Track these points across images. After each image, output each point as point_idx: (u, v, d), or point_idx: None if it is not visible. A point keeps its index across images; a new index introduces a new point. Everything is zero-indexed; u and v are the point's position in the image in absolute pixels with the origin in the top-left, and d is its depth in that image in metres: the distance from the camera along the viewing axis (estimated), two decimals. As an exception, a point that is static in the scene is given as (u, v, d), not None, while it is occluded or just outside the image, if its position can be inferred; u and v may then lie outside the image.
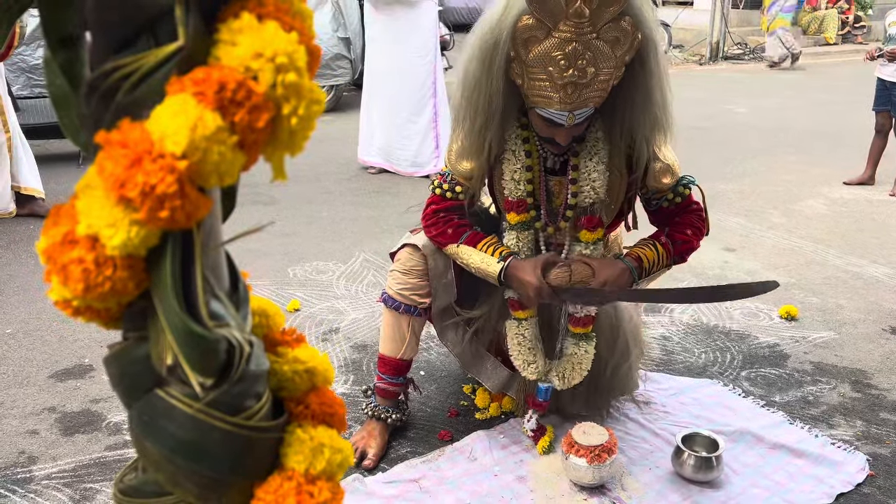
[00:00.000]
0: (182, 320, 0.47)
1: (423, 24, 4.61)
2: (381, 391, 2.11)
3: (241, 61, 0.45)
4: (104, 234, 0.45)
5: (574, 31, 1.53)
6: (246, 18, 0.45)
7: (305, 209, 4.25)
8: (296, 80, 0.46)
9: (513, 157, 1.85)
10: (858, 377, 2.48)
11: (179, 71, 0.45)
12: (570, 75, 1.58)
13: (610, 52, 1.57)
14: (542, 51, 1.58)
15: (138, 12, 0.45)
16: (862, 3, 13.99)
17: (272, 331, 0.62)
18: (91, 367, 2.50)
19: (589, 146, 1.82)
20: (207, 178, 0.45)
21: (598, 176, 1.82)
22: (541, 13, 1.53)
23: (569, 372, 1.98)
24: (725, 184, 4.84)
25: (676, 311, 2.96)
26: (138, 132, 0.44)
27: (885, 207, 4.34)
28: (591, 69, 1.58)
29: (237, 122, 0.45)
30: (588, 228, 1.88)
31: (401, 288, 2.03)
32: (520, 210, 1.88)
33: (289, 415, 0.59)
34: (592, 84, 1.61)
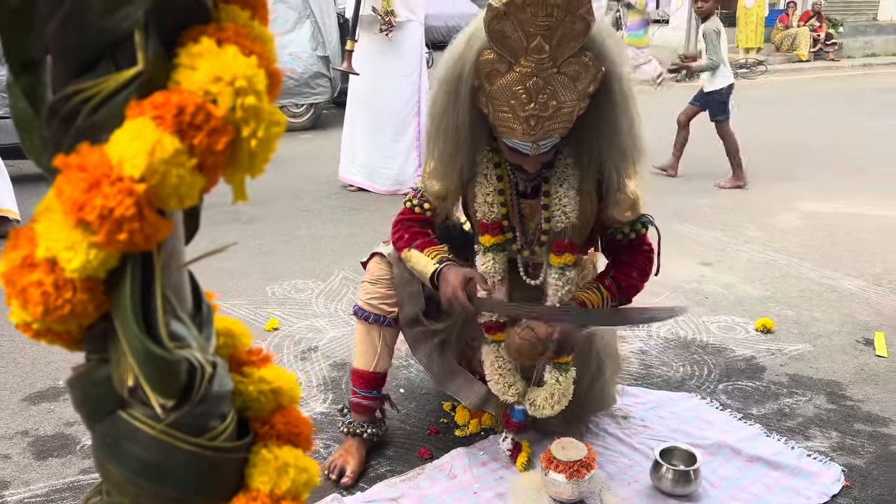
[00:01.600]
0: (142, 342, 0.47)
1: (409, 44, 4.63)
2: (355, 406, 2.11)
3: (200, 85, 0.45)
4: (63, 256, 0.45)
5: (535, 66, 1.56)
6: (205, 43, 0.46)
7: (284, 227, 4.24)
8: (255, 103, 0.46)
9: (484, 180, 1.87)
10: (833, 389, 2.51)
11: (139, 95, 0.46)
12: (532, 108, 1.61)
13: (571, 85, 1.60)
14: (504, 84, 1.60)
15: (98, 37, 0.45)
16: (833, 21, 14.27)
17: (238, 351, 0.62)
18: (65, 391, 2.47)
19: (559, 172, 1.84)
20: (166, 201, 0.46)
21: (568, 201, 1.84)
22: (502, 49, 1.56)
23: (546, 401, 1.98)
24: (701, 198, 4.90)
25: (654, 325, 2.98)
26: (97, 156, 0.44)
27: (859, 221, 4.41)
28: (553, 102, 1.61)
29: (196, 145, 0.45)
30: (556, 253, 1.90)
31: (369, 298, 2.05)
32: (494, 232, 1.90)
33: (254, 435, 0.59)
34: (555, 116, 1.63)
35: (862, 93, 10.22)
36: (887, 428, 2.28)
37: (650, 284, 3.27)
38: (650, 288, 3.24)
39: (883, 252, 3.87)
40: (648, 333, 2.91)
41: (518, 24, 1.52)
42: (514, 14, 1.51)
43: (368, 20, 4.52)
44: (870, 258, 3.78)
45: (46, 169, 0.51)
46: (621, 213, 1.86)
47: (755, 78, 11.86)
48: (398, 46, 4.60)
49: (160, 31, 0.46)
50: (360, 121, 4.83)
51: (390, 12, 4.43)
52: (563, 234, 1.88)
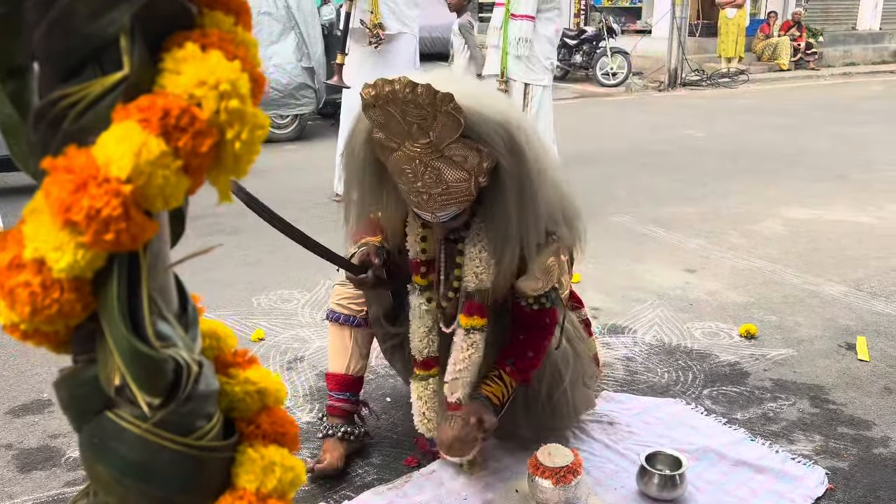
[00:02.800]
0: (128, 340, 0.48)
1: (402, 56, 4.63)
2: (330, 409, 2.12)
3: (185, 89, 0.46)
4: (51, 257, 0.45)
5: (419, 150, 1.58)
6: (190, 48, 0.47)
7: (269, 238, 4.21)
8: (239, 106, 0.47)
9: (413, 221, 1.88)
10: (816, 393, 2.53)
11: (125, 99, 0.47)
12: (420, 186, 1.63)
13: (458, 166, 1.61)
14: (394, 161, 1.63)
15: (84, 43, 0.46)
16: (813, 30, 14.46)
17: (223, 353, 0.62)
18: (50, 402, 2.45)
19: (473, 234, 1.83)
20: (152, 202, 0.46)
21: (480, 263, 1.83)
22: (386, 132, 1.59)
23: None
24: (685, 206, 4.94)
25: (639, 332, 3.00)
26: (84, 158, 0.45)
27: (841, 227, 4.46)
28: (441, 185, 1.62)
29: (181, 147, 0.46)
30: (466, 314, 1.89)
31: (339, 298, 2.08)
32: (422, 273, 1.92)
33: (240, 435, 0.60)
34: (448, 193, 1.64)
35: (842, 100, 10.36)
36: (870, 431, 2.30)
37: (635, 291, 3.32)
38: (635, 294, 3.31)
39: (864, 258, 3.92)
40: (634, 340, 2.93)
41: (395, 113, 1.55)
42: (386, 106, 1.54)
43: (358, 33, 4.53)
44: (851, 264, 3.82)
45: (34, 174, 0.51)
46: (527, 289, 1.86)
47: (737, 87, 11.99)
48: (391, 58, 4.61)
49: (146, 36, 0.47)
50: None
51: (378, 25, 4.45)
52: (474, 296, 1.87)
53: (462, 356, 1.90)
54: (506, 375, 1.93)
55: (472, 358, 1.90)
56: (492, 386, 1.92)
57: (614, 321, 3.09)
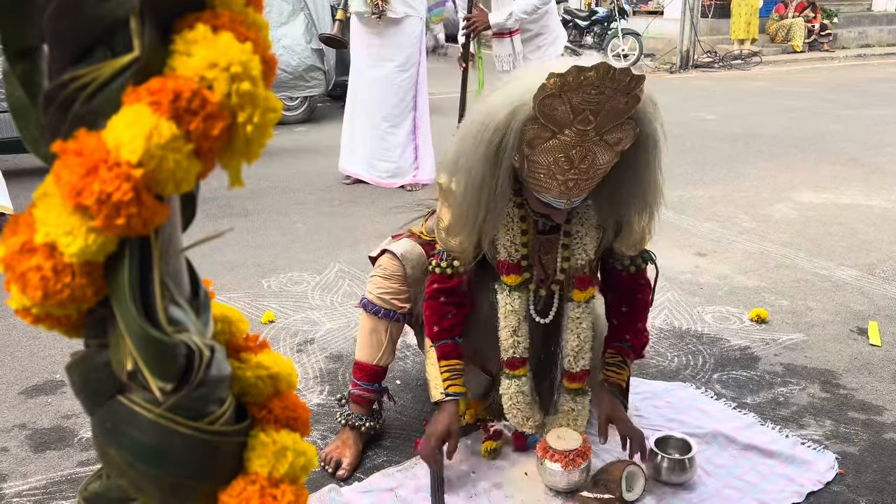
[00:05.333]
0: (140, 325, 0.48)
1: (407, 38, 4.64)
2: (355, 398, 2.11)
3: (196, 71, 0.46)
4: (62, 241, 0.45)
5: (578, 136, 1.55)
6: (201, 30, 0.46)
7: (279, 220, 4.24)
8: (250, 88, 0.47)
9: (510, 222, 1.87)
10: (827, 378, 2.52)
11: (135, 81, 0.46)
12: (572, 174, 1.61)
13: (611, 149, 1.61)
14: (545, 150, 1.60)
15: (94, 24, 0.45)
16: (827, 11, 14.27)
17: (235, 337, 0.62)
18: (62, 383, 2.47)
19: (580, 212, 1.86)
20: (164, 186, 0.46)
21: (589, 240, 1.88)
22: (547, 121, 1.55)
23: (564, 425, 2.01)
24: (696, 189, 4.91)
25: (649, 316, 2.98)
26: (94, 141, 0.45)
27: (852, 212, 4.43)
28: (592, 168, 1.61)
29: (192, 130, 0.46)
30: (580, 288, 1.93)
31: (381, 292, 2.06)
32: (516, 272, 1.91)
33: (252, 419, 0.60)
34: (592, 178, 1.64)
35: (856, 83, 10.24)
36: (880, 416, 2.30)
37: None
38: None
39: (876, 242, 3.89)
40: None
41: (567, 101, 1.51)
42: (566, 94, 1.50)
43: (364, 18, 4.55)
44: (863, 248, 3.79)
45: (44, 157, 0.51)
46: (628, 247, 1.91)
47: (749, 69, 11.87)
48: (397, 40, 4.62)
49: (156, 17, 0.46)
50: (360, 113, 4.85)
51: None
52: (583, 270, 1.91)
53: (582, 327, 1.95)
54: (629, 360, 2.03)
55: (587, 328, 1.96)
56: (620, 373, 2.01)
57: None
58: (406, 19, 4.58)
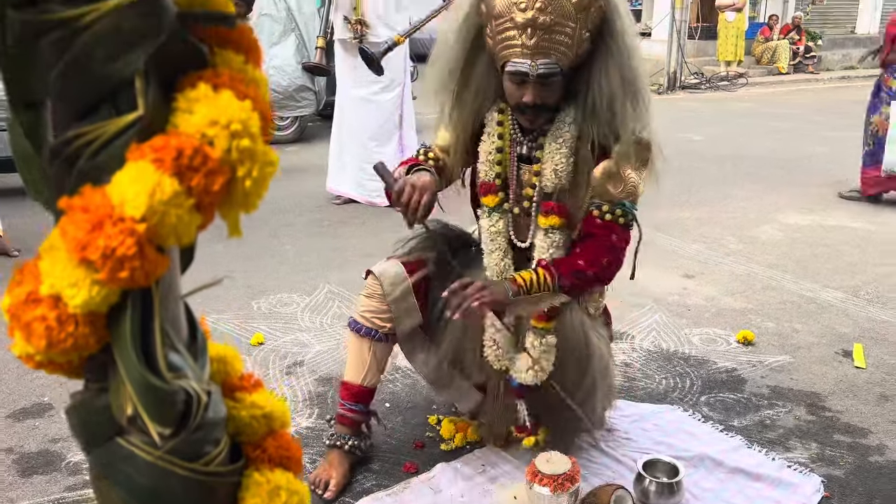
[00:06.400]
0: (141, 373, 0.49)
1: (393, 60, 4.70)
2: (341, 418, 2.12)
3: (197, 128, 0.48)
4: (67, 293, 0.47)
5: None
6: (202, 88, 0.48)
7: (269, 241, 4.24)
8: (250, 145, 0.48)
9: (487, 137, 1.95)
10: (813, 400, 2.54)
11: (139, 138, 0.48)
12: (531, 17, 1.71)
13: (568, 3, 1.70)
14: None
15: (100, 83, 0.47)
16: (812, 34, 14.48)
17: (230, 377, 0.64)
18: (50, 406, 2.46)
19: (555, 129, 1.89)
20: (166, 239, 0.48)
21: (561, 159, 1.87)
22: None
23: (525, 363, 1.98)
24: (684, 211, 4.95)
25: (637, 338, 3.01)
26: (99, 197, 0.46)
27: (837, 234, 4.48)
28: (550, 17, 1.71)
29: (194, 186, 0.47)
30: (543, 213, 1.92)
31: (363, 311, 2.07)
32: (493, 191, 1.97)
33: (246, 459, 0.61)
34: (553, 32, 1.73)
35: (841, 105, 10.37)
36: (865, 439, 2.32)
37: (633, 296, 3.33)
38: (634, 300, 3.32)
39: (861, 264, 3.93)
40: (632, 346, 2.94)
41: None
42: None
43: (348, 44, 4.65)
44: (848, 270, 3.84)
45: (45, 203, 0.53)
46: (603, 184, 1.84)
47: (736, 90, 12.01)
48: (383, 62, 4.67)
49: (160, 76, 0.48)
50: (346, 133, 4.92)
51: (360, 21, 4.53)
52: (553, 196, 1.91)
53: (545, 258, 1.91)
54: (540, 269, 1.85)
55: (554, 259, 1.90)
56: (523, 274, 1.85)
57: (612, 327, 3.10)
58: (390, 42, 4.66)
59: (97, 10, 0.44)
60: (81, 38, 0.44)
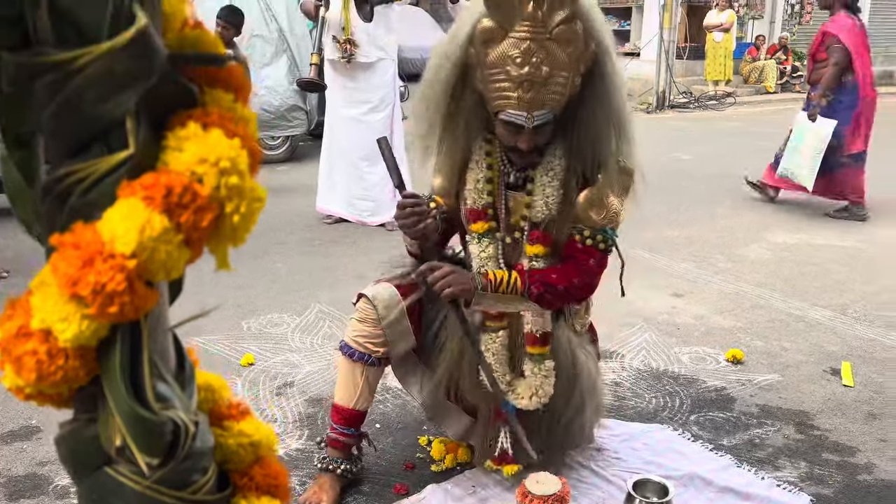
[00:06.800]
0: (130, 405, 0.50)
1: (381, 80, 4.77)
2: (332, 442, 2.11)
3: (187, 166, 0.49)
4: (57, 328, 0.48)
5: (529, 31, 1.68)
6: (192, 127, 0.49)
7: (260, 261, 4.24)
8: (238, 182, 0.50)
9: (476, 166, 1.95)
10: (802, 419, 2.56)
11: (130, 176, 0.49)
12: (527, 72, 1.70)
13: (563, 54, 1.70)
14: (500, 51, 1.71)
15: (92, 123, 0.48)
16: (798, 53, 14.64)
17: (218, 405, 0.64)
18: (38, 429, 2.45)
19: (546, 162, 1.91)
20: (155, 275, 0.49)
21: (552, 192, 1.90)
22: (495, 13, 1.68)
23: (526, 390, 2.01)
24: (673, 230, 4.98)
25: (627, 357, 3.02)
26: (90, 234, 0.48)
27: (825, 252, 4.52)
28: (546, 68, 1.70)
29: (183, 222, 0.49)
30: (530, 242, 1.95)
31: (356, 335, 2.06)
32: (483, 219, 1.97)
33: (234, 487, 0.62)
34: (548, 84, 1.73)
35: (827, 124, 10.46)
36: (854, 457, 2.33)
37: (623, 315, 3.34)
38: (623, 319, 3.33)
39: (848, 282, 3.97)
40: (622, 365, 2.95)
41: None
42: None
43: (337, 64, 4.68)
44: (836, 288, 3.87)
45: (37, 237, 0.54)
46: (587, 210, 1.88)
47: (724, 109, 12.12)
48: (371, 82, 4.76)
49: (150, 115, 0.49)
50: (337, 153, 4.94)
51: (348, 41, 4.57)
52: (541, 225, 1.93)
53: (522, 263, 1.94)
54: (514, 272, 1.91)
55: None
56: (495, 271, 1.91)
57: (602, 346, 3.09)
58: (378, 62, 4.72)
59: (90, 54, 0.45)
60: (75, 81, 0.46)
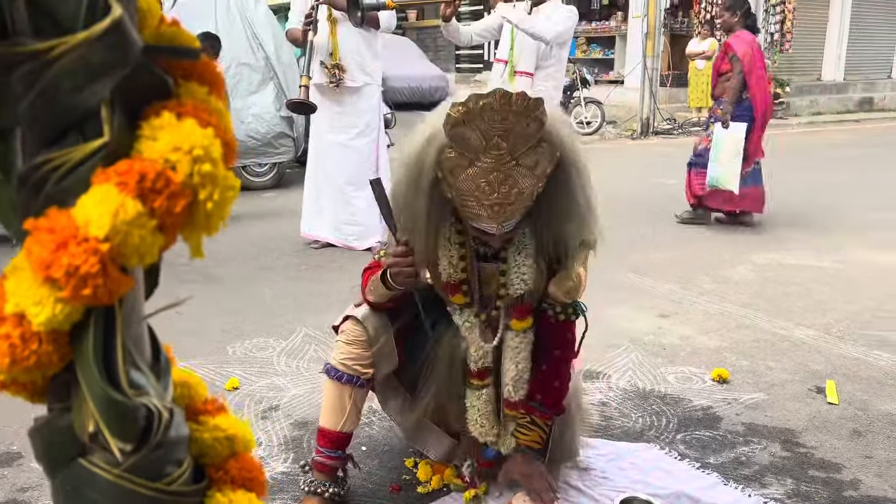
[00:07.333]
0: (102, 388, 0.50)
1: (367, 105, 4.82)
2: (318, 465, 2.10)
3: (160, 154, 0.50)
4: (31, 311, 0.48)
5: (495, 161, 1.65)
6: (166, 116, 0.51)
7: (246, 285, 4.23)
8: (211, 169, 0.51)
9: (448, 243, 1.93)
10: (787, 436, 2.56)
11: (104, 164, 0.50)
12: (496, 198, 1.70)
13: (530, 173, 1.69)
14: (467, 177, 1.69)
15: (67, 113, 0.49)
16: (780, 81, 14.88)
17: (194, 401, 0.65)
18: (19, 455, 2.41)
19: (517, 241, 1.92)
20: (129, 259, 0.49)
21: (526, 269, 1.92)
22: (462, 149, 1.65)
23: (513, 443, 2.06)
24: (658, 252, 5.02)
25: (614, 377, 3.03)
26: (64, 218, 0.48)
27: (808, 273, 4.56)
28: (514, 191, 1.70)
29: (156, 207, 0.50)
30: (518, 318, 1.98)
31: (344, 358, 2.06)
32: (462, 293, 1.97)
33: (209, 481, 0.62)
34: (517, 201, 1.72)
35: (807, 149, 10.62)
36: (840, 474, 2.34)
37: (609, 336, 3.36)
38: (610, 340, 3.34)
39: (831, 301, 4.00)
40: (608, 385, 2.96)
41: (476, 128, 1.61)
42: (472, 121, 1.60)
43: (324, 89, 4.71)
44: (819, 308, 3.90)
45: (15, 233, 0.54)
46: (561, 291, 1.94)
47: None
48: (356, 108, 4.80)
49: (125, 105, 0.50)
50: (322, 178, 4.95)
51: (336, 66, 4.61)
52: (522, 300, 1.95)
53: (520, 357, 1.99)
54: (537, 419, 2.02)
55: (526, 357, 2.00)
56: (528, 434, 2.02)
57: (589, 367, 3.12)
58: (365, 87, 4.76)
59: (66, 43, 0.46)
60: (51, 71, 0.47)
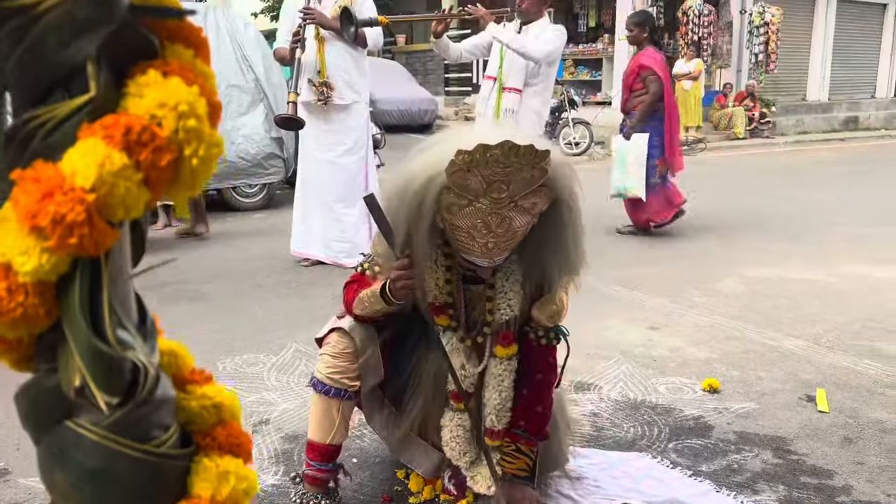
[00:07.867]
0: (88, 339, 0.50)
1: (355, 123, 4.83)
2: (309, 478, 2.08)
3: (146, 110, 0.51)
4: (17, 261, 0.48)
5: (493, 204, 1.65)
6: (152, 74, 0.51)
7: (237, 303, 4.22)
8: (196, 125, 0.51)
9: (434, 265, 1.93)
10: (779, 444, 2.56)
11: (91, 119, 0.51)
12: (490, 237, 1.71)
13: (527, 213, 1.70)
14: (463, 216, 1.69)
15: (54, 69, 0.50)
16: (766, 101, 15.07)
17: (181, 370, 0.65)
18: (6, 471, 2.39)
19: (504, 268, 1.93)
20: (114, 211, 0.50)
21: (514, 295, 1.93)
22: (462, 192, 1.65)
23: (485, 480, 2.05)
24: (648, 267, 5.04)
25: (605, 388, 3.02)
26: (51, 170, 0.49)
27: (797, 286, 4.58)
28: (510, 231, 1.71)
29: (142, 160, 0.50)
30: (503, 345, 1.98)
31: (331, 371, 2.04)
32: (448, 315, 1.98)
33: (196, 447, 0.62)
34: (511, 238, 1.74)
35: (795, 167, 10.74)
36: (831, 480, 2.34)
37: (600, 348, 3.36)
38: (601, 352, 3.35)
39: (820, 313, 4.02)
40: (600, 396, 2.95)
41: (479, 174, 1.61)
42: (476, 168, 1.60)
43: (312, 107, 4.73)
44: (808, 319, 3.92)
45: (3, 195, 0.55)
46: (545, 315, 1.94)
47: (696, 154, 12.36)
48: (344, 125, 4.82)
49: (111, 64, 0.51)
50: (311, 195, 4.96)
51: (324, 84, 4.63)
52: (507, 326, 1.95)
53: (504, 385, 1.98)
54: (522, 447, 2.01)
55: (509, 386, 1.99)
56: (514, 462, 2.01)
57: (580, 378, 3.11)
58: (353, 105, 4.78)
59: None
60: (38, 26, 0.47)
